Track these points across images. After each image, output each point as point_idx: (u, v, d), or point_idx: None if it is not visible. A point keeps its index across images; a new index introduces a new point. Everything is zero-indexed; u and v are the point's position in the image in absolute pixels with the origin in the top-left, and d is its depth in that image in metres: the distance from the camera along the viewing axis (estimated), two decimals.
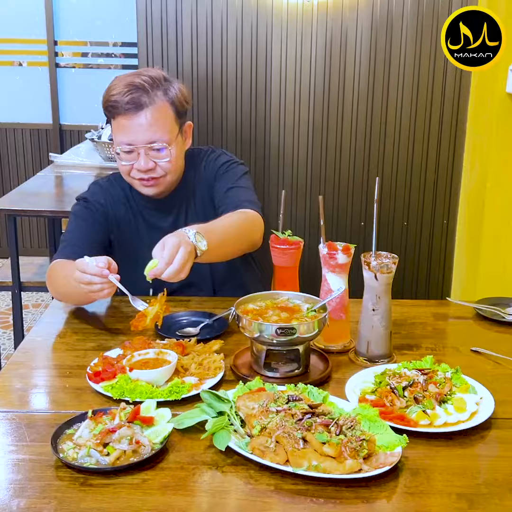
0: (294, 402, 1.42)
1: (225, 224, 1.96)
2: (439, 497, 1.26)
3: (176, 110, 2.07)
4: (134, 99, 1.99)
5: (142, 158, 2.02)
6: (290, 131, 2.98)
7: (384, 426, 1.40)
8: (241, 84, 2.92)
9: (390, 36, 2.88)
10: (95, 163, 4.14)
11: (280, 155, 3.01)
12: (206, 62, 2.89)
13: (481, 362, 1.80)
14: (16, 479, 1.29)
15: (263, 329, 1.62)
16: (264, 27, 2.88)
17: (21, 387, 1.65)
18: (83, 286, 1.75)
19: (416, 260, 3.13)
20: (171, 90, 2.06)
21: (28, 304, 4.79)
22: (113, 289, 1.76)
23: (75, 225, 2.14)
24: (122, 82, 2.03)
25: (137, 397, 1.53)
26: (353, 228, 3.08)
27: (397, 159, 3.01)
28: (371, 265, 1.74)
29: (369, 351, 1.77)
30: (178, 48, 2.87)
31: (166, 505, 1.22)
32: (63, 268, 1.97)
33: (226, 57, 2.89)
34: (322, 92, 2.94)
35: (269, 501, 1.25)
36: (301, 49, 2.89)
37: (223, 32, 2.86)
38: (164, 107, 2.04)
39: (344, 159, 3.01)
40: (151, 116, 2.01)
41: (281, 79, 2.92)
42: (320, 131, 2.98)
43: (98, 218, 2.15)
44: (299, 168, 3.01)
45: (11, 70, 5.44)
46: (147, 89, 2.00)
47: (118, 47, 5.38)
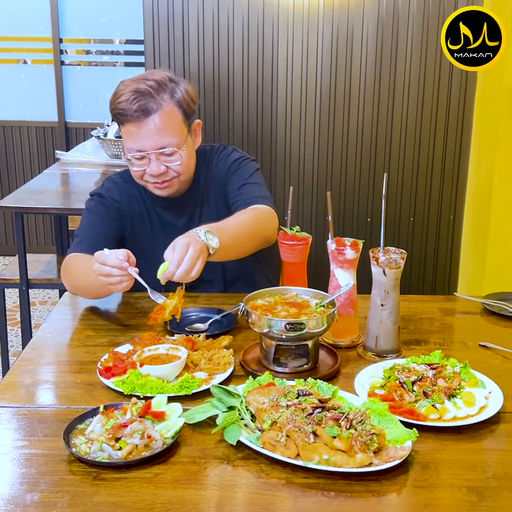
0: (304, 396, 1.43)
1: (237, 222, 1.97)
2: (449, 490, 1.27)
3: (183, 112, 2.06)
4: (141, 106, 1.98)
5: (154, 163, 2.03)
6: (297, 128, 2.98)
7: (393, 420, 1.41)
8: (248, 82, 2.92)
9: (397, 32, 2.88)
10: (101, 161, 4.15)
11: (286, 152, 3.01)
12: (213, 60, 2.90)
13: (489, 356, 1.80)
14: (29, 474, 1.30)
15: (272, 324, 1.62)
16: (270, 25, 2.88)
17: (32, 383, 1.66)
18: (102, 278, 1.76)
19: (423, 255, 3.13)
20: (177, 92, 2.05)
21: (35, 301, 4.81)
22: (132, 282, 1.77)
23: (90, 220, 2.15)
24: (128, 88, 2.02)
25: (147, 392, 1.54)
26: (360, 225, 3.08)
27: (403, 155, 3.01)
28: (380, 261, 1.75)
29: (377, 346, 1.78)
30: (185, 46, 2.87)
31: (178, 498, 1.23)
32: (80, 262, 2.00)
33: (232, 54, 2.89)
34: (328, 89, 2.95)
35: (280, 495, 1.25)
36: (307, 46, 2.89)
37: (230, 30, 2.87)
38: (171, 111, 2.03)
39: (350, 156, 3.01)
40: (159, 121, 2.00)
41: (288, 77, 2.92)
42: (326, 128, 2.98)
43: (113, 214, 2.16)
44: (306, 165, 3.01)
45: (17, 68, 5.46)
46: (153, 94, 2.00)
47: (123, 45, 5.39)
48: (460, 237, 3.09)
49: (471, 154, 2.98)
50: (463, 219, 3.06)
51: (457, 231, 3.08)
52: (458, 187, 3.02)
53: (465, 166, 3.00)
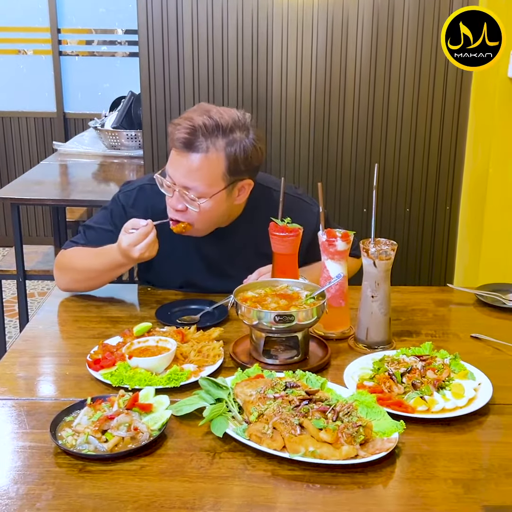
0: (291, 388, 1.43)
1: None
2: (436, 482, 1.27)
3: (228, 167, 1.90)
4: (186, 139, 1.86)
5: (176, 197, 1.94)
6: (292, 118, 2.97)
7: (381, 412, 1.40)
8: (242, 71, 2.91)
9: (392, 21, 2.86)
10: (99, 151, 4.15)
11: (281, 141, 3.00)
12: (207, 50, 2.88)
13: (481, 348, 1.80)
14: (15, 466, 1.31)
15: (261, 316, 1.62)
16: (265, 13, 2.86)
17: (22, 375, 1.66)
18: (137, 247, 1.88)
19: (419, 246, 3.12)
20: (234, 145, 1.89)
21: (34, 293, 4.81)
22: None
23: (103, 225, 2.11)
24: (188, 114, 1.91)
25: (136, 384, 1.53)
26: (356, 215, 3.07)
27: (399, 145, 2.99)
28: (370, 252, 1.74)
29: (368, 337, 1.77)
30: (179, 36, 2.86)
31: (164, 491, 1.23)
32: (83, 250, 2.05)
33: (227, 44, 2.87)
34: (323, 80, 2.93)
35: (266, 487, 1.25)
36: (302, 39, 2.87)
37: (224, 19, 2.85)
38: (215, 159, 1.88)
39: (346, 145, 3.00)
40: (197, 163, 1.88)
41: (282, 68, 2.91)
42: (322, 118, 2.97)
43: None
44: (301, 155, 3.00)
45: (15, 58, 5.44)
46: (205, 134, 1.86)
47: (122, 35, 5.37)
48: (456, 228, 3.08)
49: (467, 144, 2.96)
50: (459, 210, 3.05)
51: (454, 221, 3.07)
52: (455, 178, 3.01)
53: (461, 156, 2.99)
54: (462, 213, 3.05)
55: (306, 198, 2.18)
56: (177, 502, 1.20)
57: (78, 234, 2.15)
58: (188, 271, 2.12)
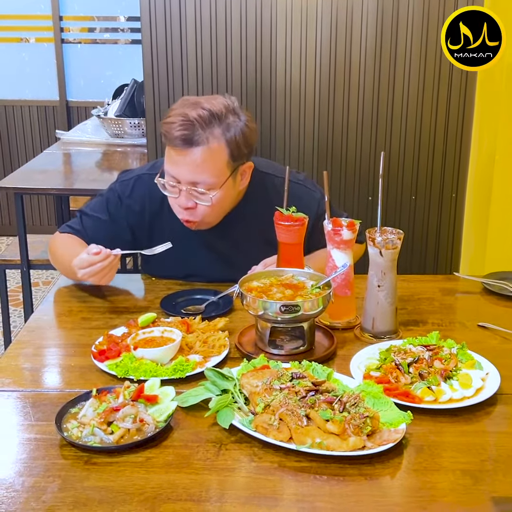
0: (297, 379, 1.42)
1: None
2: (443, 473, 1.26)
3: (231, 152, 1.88)
4: (184, 135, 1.83)
5: (183, 196, 1.91)
6: (296, 107, 2.94)
7: (388, 402, 1.39)
8: (246, 57, 2.88)
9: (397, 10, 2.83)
10: (102, 140, 4.13)
11: (286, 130, 2.97)
12: (210, 36, 2.85)
13: (488, 337, 1.79)
14: (21, 458, 1.30)
15: (267, 306, 1.61)
16: (268, 6, 2.83)
17: (27, 366, 1.66)
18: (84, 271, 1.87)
19: (424, 234, 3.10)
20: (231, 129, 1.87)
21: (38, 282, 4.81)
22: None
23: (99, 213, 2.09)
24: (179, 110, 1.87)
25: (141, 375, 1.53)
26: (361, 203, 3.05)
27: (404, 132, 2.97)
28: (376, 241, 1.72)
29: (374, 327, 1.76)
30: (182, 22, 2.83)
31: (170, 483, 1.22)
32: (69, 245, 2.05)
33: (230, 30, 2.84)
34: (328, 69, 2.90)
35: (272, 479, 1.25)
36: (306, 32, 2.84)
37: (227, 4, 2.82)
38: (217, 148, 1.86)
39: (351, 133, 2.97)
40: (200, 156, 1.85)
41: (287, 55, 2.88)
42: (326, 106, 2.94)
43: (121, 223, 2.08)
44: (305, 143, 2.98)
45: (17, 46, 5.42)
46: (203, 126, 1.84)
47: (124, 22, 5.33)
48: (462, 215, 3.06)
49: (473, 131, 2.94)
50: (465, 197, 3.03)
51: (459, 209, 3.05)
52: (461, 165, 2.98)
53: (468, 143, 2.96)
54: (468, 200, 3.03)
55: (308, 183, 2.15)
56: (183, 494, 1.20)
57: (75, 218, 2.14)
58: (191, 261, 2.11)
